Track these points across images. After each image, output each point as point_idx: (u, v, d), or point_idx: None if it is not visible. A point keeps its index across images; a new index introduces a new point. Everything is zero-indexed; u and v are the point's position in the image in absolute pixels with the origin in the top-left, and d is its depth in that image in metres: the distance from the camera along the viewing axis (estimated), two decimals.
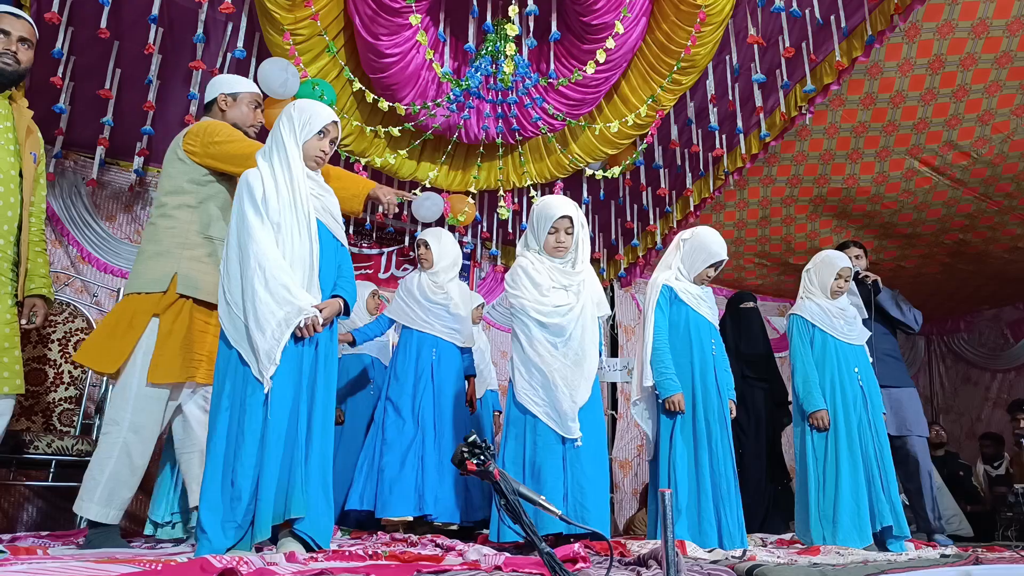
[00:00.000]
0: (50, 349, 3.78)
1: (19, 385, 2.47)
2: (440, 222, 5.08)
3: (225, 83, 2.96)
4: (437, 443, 3.74)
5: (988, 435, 6.52)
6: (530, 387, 2.91)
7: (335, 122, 2.50)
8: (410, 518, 3.58)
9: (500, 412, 4.91)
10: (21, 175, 2.50)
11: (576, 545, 2.16)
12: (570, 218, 3.03)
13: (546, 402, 2.88)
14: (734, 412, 3.36)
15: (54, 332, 3.82)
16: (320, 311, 2.30)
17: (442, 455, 3.71)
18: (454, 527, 3.68)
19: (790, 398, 4.97)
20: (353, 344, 4.11)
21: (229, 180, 2.79)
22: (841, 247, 4.46)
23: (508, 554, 2.10)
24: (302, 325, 2.24)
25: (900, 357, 4.38)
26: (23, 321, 2.66)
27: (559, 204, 3.06)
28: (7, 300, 2.46)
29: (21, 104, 2.56)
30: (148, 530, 3.00)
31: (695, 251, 3.35)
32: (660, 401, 3.21)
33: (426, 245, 4.01)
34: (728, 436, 3.22)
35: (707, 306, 3.36)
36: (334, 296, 2.42)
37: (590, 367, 2.97)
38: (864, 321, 3.90)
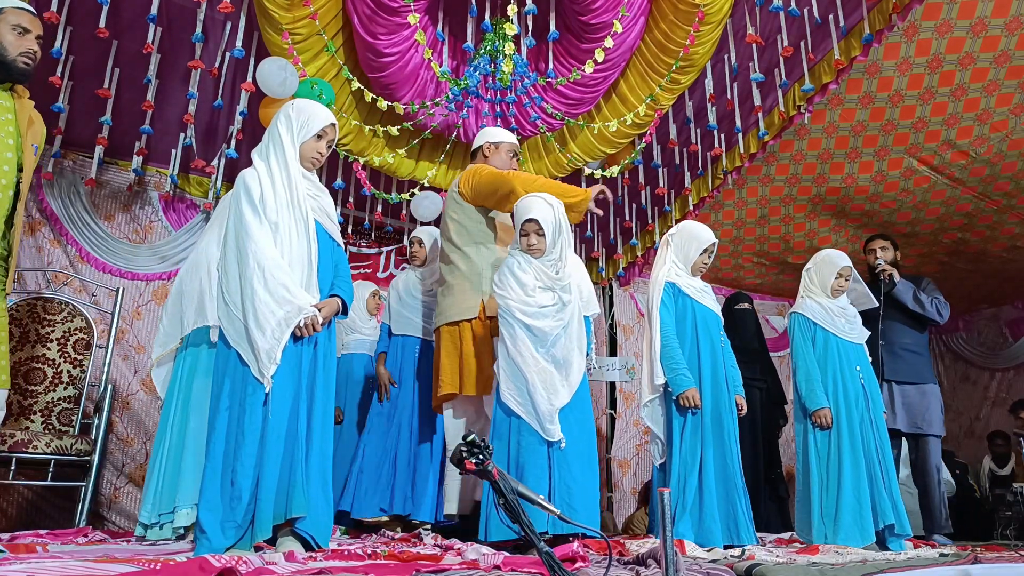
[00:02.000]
0: (49, 348, 3.78)
1: (4, 381, 2.44)
2: (438, 221, 5.08)
3: (490, 134, 3.53)
4: (414, 442, 3.73)
5: (999, 433, 6.51)
6: (513, 387, 2.89)
7: (333, 124, 2.51)
8: (385, 518, 3.59)
9: None
10: (20, 168, 2.45)
11: (575, 544, 2.16)
12: (536, 221, 2.98)
13: (528, 402, 2.87)
14: (743, 407, 3.36)
15: (53, 331, 3.82)
16: (319, 310, 2.30)
17: (421, 453, 3.70)
18: (428, 526, 3.68)
19: (787, 397, 4.99)
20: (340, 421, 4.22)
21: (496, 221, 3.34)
22: (868, 240, 4.49)
23: (507, 553, 2.11)
24: (302, 325, 2.25)
25: (924, 352, 4.36)
26: None
27: (527, 206, 3.00)
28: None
29: (23, 95, 2.52)
30: (138, 531, 2.99)
31: (685, 242, 3.40)
32: (674, 398, 3.21)
33: (420, 243, 4.04)
34: (736, 430, 3.23)
35: (711, 299, 3.39)
36: (332, 296, 2.42)
37: (575, 370, 2.95)
38: (874, 311, 3.94)
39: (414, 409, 3.80)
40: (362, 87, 4.04)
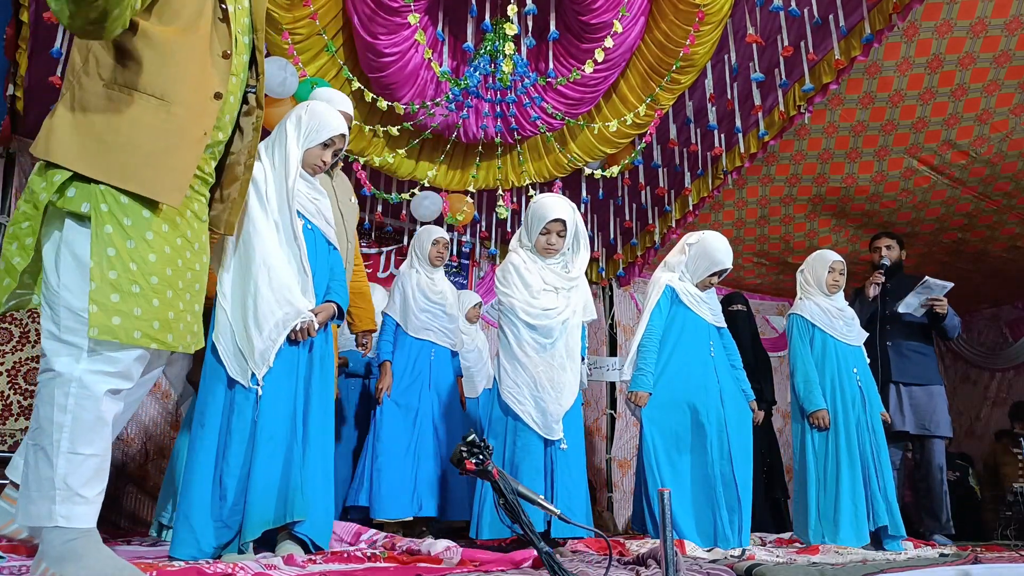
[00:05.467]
0: None
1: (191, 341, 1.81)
2: (438, 221, 5.08)
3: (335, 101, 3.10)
4: (436, 444, 3.74)
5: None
6: (515, 387, 2.91)
7: (343, 135, 2.48)
8: (408, 518, 3.59)
9: None
10: (255, 64, 1.90)
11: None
12: (563, 221, 3.01)
13: (531, 403, 2.88)
14: (756, 413, 3.37)
15: None
16: (315, 315, 2.29)
17: (441, 455, 3.72)
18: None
19: (776, 399, 5.03)
20: (346, 366, 4.11)
21: None
22: (874, 238, 4.49)
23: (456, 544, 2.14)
24: (298, 328, 2.24)
25: (931, 353, 4.38)
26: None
27: (554, 206, 3.04)
28: (198, 238, 1.78)
29: None
30: (154, 531, 3.03)
31: (699, 257, 3.34)
32: (626, 394, 3.26)
33: (446, 245, 3.98)
34: (733, 439, 3.19)
35: (708, 308, 3.36)
36: (328, 301, 2.41)
37: (575, 370, 2.97)
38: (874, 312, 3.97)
39: (439, 412, 3.80)
40: (362, 87, 4.04)
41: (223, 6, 1.75)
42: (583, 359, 3.11)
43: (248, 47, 1.87)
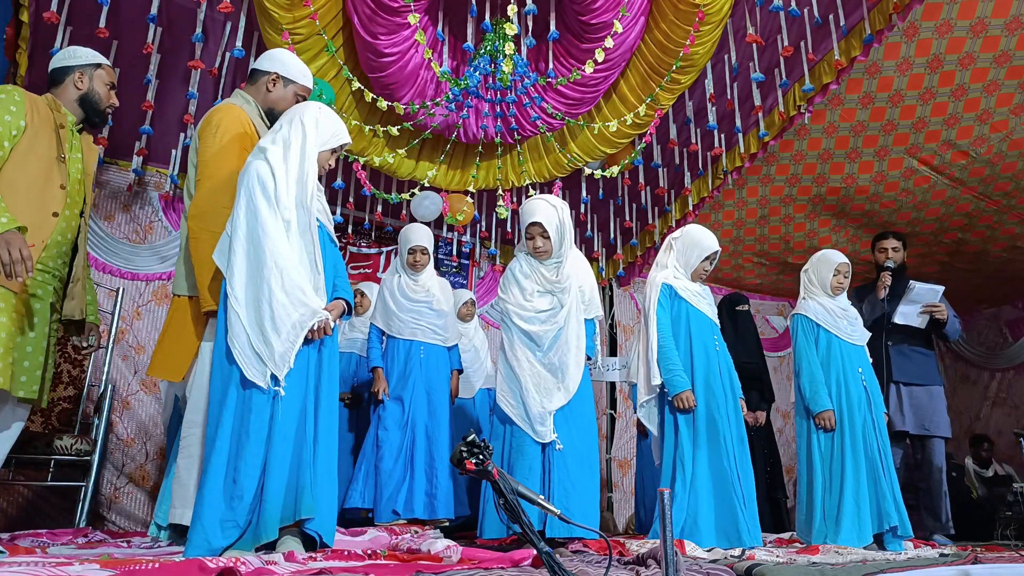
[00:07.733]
0: None
1: (35, 391, 2.42)
2: (439, 221, 5.08)
3: (287, 65, 2.75)
4: (431, 445, 3.74)
5: (981, 437, 6.52)
6: (508, 389, 2.98)
7: (348, 142, 2.55)
8: (403, 521, 3.59)
9: None
10: (85, 202, 2.66)
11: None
12: (540, 224, 3.03)
13: (520, 404, 2.93)
14: (745, 411, 3.37)
15: None
16: (329, 313, 2.30)
17: (437, 455, 3.71)
18: (446, 523, 3.69)
19: (774, 397, 5.04)
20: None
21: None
22: (879, 237, 4.47)
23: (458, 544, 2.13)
24: (315, 328, 2.24)
25: (931, 354, 4.40)
26: (85, 343, 2.84)
27: (531, 209, 3.07)
28: (55, 314, 2.56)
29: (87, 139, 2.72)
30: (152, 531, 3.01)
31: (688, 248, 3.38)
32: (669, 399, 3.20)
33: (423, 251, 4.01)
34: (738, 434, 3.20)
35: (707, 303, 3.37)
36: (337, 298, 2.42)
37: (571, 373, 2.98)
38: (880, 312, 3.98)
39: (428, 412, 3.79)
40: (362, 87, 4.04)
41: (62, 154, 2.51)
42: (589, 357, 3.11)
43: (81, 182, 2.60)
